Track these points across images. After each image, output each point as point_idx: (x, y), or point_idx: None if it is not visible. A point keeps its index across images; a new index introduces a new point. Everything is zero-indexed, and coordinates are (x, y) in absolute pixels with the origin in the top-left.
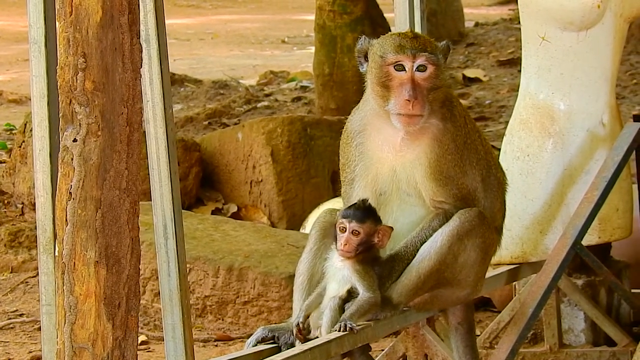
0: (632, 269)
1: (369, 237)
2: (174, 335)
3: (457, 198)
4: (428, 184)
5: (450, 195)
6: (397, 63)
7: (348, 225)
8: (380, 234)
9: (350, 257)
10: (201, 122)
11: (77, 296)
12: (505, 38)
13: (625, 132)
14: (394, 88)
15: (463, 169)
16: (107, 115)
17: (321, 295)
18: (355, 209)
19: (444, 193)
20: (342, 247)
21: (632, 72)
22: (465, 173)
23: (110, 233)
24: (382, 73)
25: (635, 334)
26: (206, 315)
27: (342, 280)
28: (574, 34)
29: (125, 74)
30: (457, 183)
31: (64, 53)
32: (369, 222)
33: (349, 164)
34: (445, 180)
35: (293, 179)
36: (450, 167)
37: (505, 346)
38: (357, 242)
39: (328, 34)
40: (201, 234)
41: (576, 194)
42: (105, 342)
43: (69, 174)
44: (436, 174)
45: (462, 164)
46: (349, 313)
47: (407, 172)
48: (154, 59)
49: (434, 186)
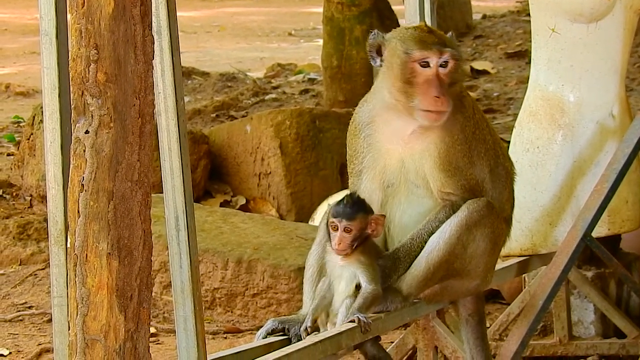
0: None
1: (362, 230)
2: (185, 327)
3: (465, 189)
4: (437, 175)
5: (459, 187)
6: (424, 60)
7: (339, 224)
8: (373, 223)
9: (348, 254)
10: (209, 115)
11: (89, 288)
12: (513, 30)
13: (635, 124)
14: (418, 84)
15: (472, 159)
16: (119, 107)
17: (326, 297)
18: (344, 206)
19: (452, 184)
20: (337, 247)
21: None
22: (473, 164)
23: (123, 225)
24: (407, 69)
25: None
26: (215, 308)
27: (349, 278)
28: (584, 25)
29: (137, 65)
30: (466, 174)
31: (76, 45)
32: (359, 216)
33: (357, 155)
34: (453, 171)
35: (301, 171)
36: (459, 157)
37: (515, 338)
38: (351, 238)
39: (336, 26)
40: (210, 227)
41: (586, 186)
42: (117, 334)
43: (81, 165)
44: (445, 165)
45: (470, 155)
46: (357, 306)
47: (416, 163)
48: (165, 51)
49: (442, 177)
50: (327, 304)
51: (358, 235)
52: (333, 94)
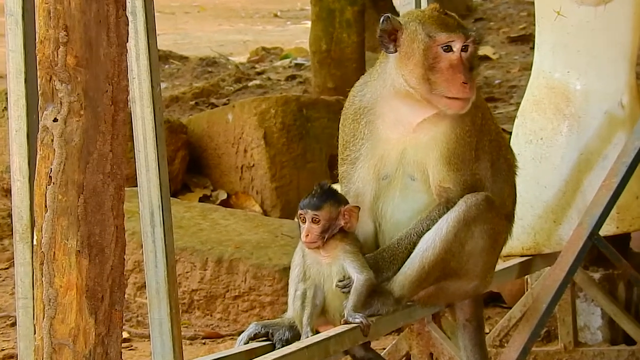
0: None
1: (332, 221)
2: (161, 332)
3: (465, 185)
4: (440, 167)
5: (460, 182)
6: (448, 43)
7: (306, 215)
8: (346, 215)
9: (318, 247)
10: (187, 102)
11: (57, 288)
12: (517, 13)
13: None
14: (442, 70)
15: (477, 152)
16: (91, 93)
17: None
18: (311, 197)
19: (454, 178)
20: (305, 239)
21: None
22: (478, 158)
23: (93, 220)
24: (431, 54)
25: None
26: (193, 311)
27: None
28: (591, 8)
29: (110, 48)
30: (470, 168)
31: (44, 26)
32: (327, 206)
33: (354, 141)
34: (459, 165)
35: (287, 163)
36: (466, 150)
37: (517, 344)
38: (319, 229)
39: (325, 7)
40: (188, 223)
41: (593, 181)
42: (87, 338)
43: (48, 156)
44: (452, 157)
45: (476, 148)
46: (352, 305)
47: (419, 154)
48: (140, 33)
49: (445, 170)
50: (319, 311)
51: (327, 227)
52: (322, 81)
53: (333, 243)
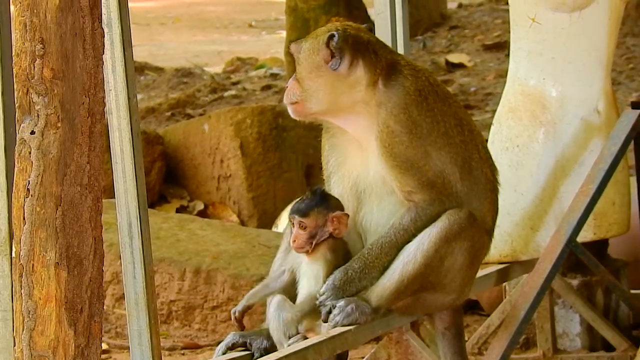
0: (631, 267)
1: (320, 228)
2: (140, 343)
3: (426, 183)
4: (393, 173)
5: (419, 183)
6: None
7: (294, 220)
8: (335, 221)
9: (307, 252)
10: (163, 113)
11: (36, 300)
12: (491, 20)
13: (623, 120)
14: None
15: (424, 149)
16: (67, 105)
17: (268, 286)
18: (301, 201)
19: (410, 181)
20: (292, 244)
21: (629, 56)
22: (427, 154)
23: (72, 232)
24: None
25: (635, 338)
26: (172, 322)
27: (313, 276)
28: (566, 14)
29: (86, 60)
30: (420, 166)
31: (20, 39)
32: (314, 213)
33: (326, 156)
34: (405, 165)
35: (264, 173)
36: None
37: (495, 352)
38: (306, 235)
39: (300, 17)
40: (165, 234)
41: (570, 187)
42: (66, 350)
43: (26, 169)
44: (395, 160)
45: (419, 145)
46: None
47: (377, 164)
48: (116, 45)
49: (396, 173)
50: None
51: (315, 233)
52: None
53: (322, 249)
